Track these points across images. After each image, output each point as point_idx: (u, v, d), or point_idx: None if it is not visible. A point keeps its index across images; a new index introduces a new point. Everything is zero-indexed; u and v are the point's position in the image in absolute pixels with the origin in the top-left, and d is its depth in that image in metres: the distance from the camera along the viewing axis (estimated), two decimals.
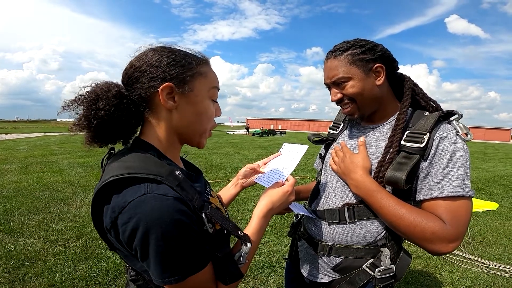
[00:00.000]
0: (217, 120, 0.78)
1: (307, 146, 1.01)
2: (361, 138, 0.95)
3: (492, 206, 4.79)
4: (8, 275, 2.34)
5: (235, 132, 37.87)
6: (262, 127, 35.70)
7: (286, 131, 40.38)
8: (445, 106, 0.94)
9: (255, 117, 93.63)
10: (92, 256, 2.67)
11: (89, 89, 0.64)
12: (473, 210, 4.45)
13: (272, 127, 51.27)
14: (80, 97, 0.63)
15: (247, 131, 37.76)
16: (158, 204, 0.53)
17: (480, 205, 4.82)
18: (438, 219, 0.77)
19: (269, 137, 26.75)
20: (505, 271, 2.63)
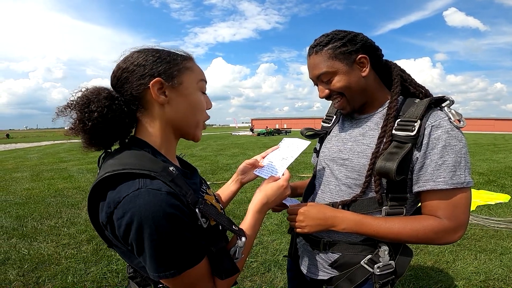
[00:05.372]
0: (222, 122, 0.78)
1: (309, 142, 0.98)
2: (287, 200, 0.96)
3: (504, 198, 4.67)
4: (22, 278, 2.41)
5: (240, 133, 37.92)
6: (267, 127, 35.68)
7: (292, 129, 40.25)
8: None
9: (259, 117, 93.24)
10: (102, 259, 2.72)
11: (79, 94, 0.65)
12: (485, 203, 4.33)
13: (277, 127, 51.18)
14: (72, 102, 0.64)
15: (252, 131, 37.79)
16: (151, 199, 0.54)
17: (492, 197, 4.70)
18: (430, 217, 0.78)
19: (274, 137, 26.73)
20: None
